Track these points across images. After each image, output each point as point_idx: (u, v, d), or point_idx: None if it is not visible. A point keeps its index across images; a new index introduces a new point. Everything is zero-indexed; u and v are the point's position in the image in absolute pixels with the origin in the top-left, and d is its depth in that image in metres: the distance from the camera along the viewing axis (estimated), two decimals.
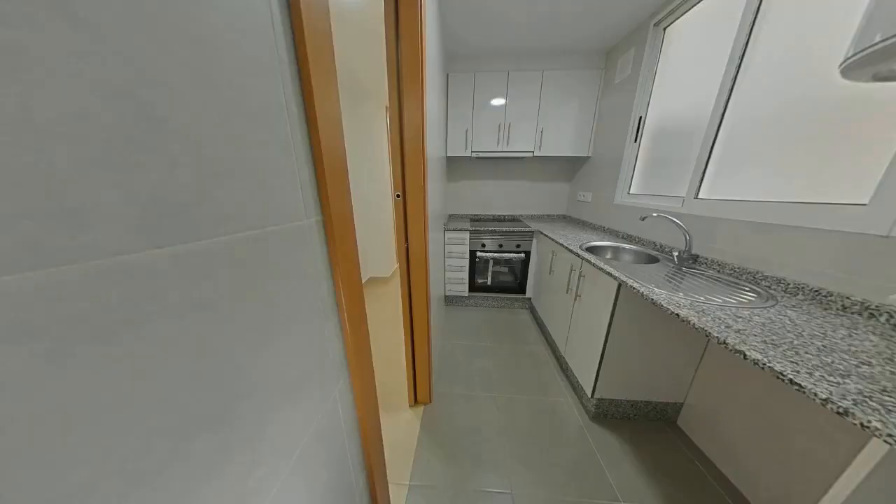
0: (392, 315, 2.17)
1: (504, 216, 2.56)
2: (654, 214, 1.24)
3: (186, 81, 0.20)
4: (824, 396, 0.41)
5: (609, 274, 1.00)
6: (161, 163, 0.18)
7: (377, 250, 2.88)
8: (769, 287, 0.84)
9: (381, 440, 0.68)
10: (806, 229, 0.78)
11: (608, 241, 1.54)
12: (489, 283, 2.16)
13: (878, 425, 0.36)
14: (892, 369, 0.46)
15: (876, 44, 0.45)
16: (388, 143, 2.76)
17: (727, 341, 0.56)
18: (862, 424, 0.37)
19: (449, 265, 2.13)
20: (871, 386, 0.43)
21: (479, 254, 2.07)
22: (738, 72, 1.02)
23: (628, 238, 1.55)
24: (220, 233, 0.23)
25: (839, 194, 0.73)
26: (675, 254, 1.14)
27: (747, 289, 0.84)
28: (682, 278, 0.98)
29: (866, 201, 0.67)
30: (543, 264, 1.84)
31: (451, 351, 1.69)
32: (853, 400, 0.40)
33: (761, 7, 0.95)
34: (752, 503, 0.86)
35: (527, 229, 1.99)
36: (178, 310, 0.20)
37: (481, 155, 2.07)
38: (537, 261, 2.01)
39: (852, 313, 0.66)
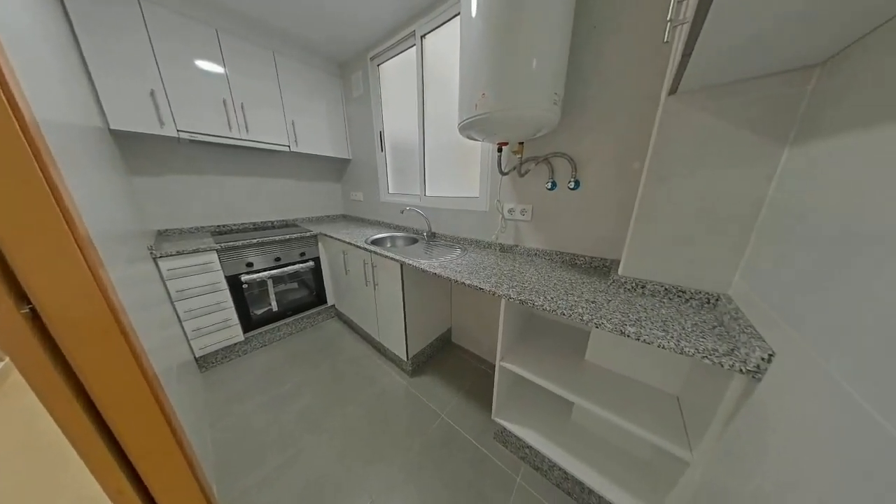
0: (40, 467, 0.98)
1: (273, 222, 2.07)
2: (408, 208, 1.70)
3: None
4: (487, 288, 0.87)
5: (392, 259, 1.24)
6: None
7: None
8: (463, 244, 1.52)
9: None
10: (464, 211, 1.49)
11: (385, 232, 1.85)
12: (276, 308, 1.70)
13: (501, 293, 0.84)
14: (496, 270, 1.08)
15: (462, 121, 0.95)
16: None
17: (457, 279, 0.95)
18: (501, 296, 0.84)
19: (188, 310, 1.35)
20: (494, 280, 0.97)
21: (245, 277, 1.52)
22: (424, 116, 1.62)
23: (397, 227, 1.96)
24: None
25: (470, 192, 1.49)
26: (425, 234, 1.66)
27: (457, 248, 1.46)
28: (432, 250, 1.46)
29: (478, 195, 1.43)
30: (337, 266, 1.80)
31: (239, 428, 1.16)
32: (494, 284, 0.89)
33: (424, 80, 1.56)
34: (486, 359, 1.61)
35: (308, 234, 1.79)
36: None
37: (200, 138, 1.43)
38: (330, 264, 1.91)
39: (487, 248, 1.42)
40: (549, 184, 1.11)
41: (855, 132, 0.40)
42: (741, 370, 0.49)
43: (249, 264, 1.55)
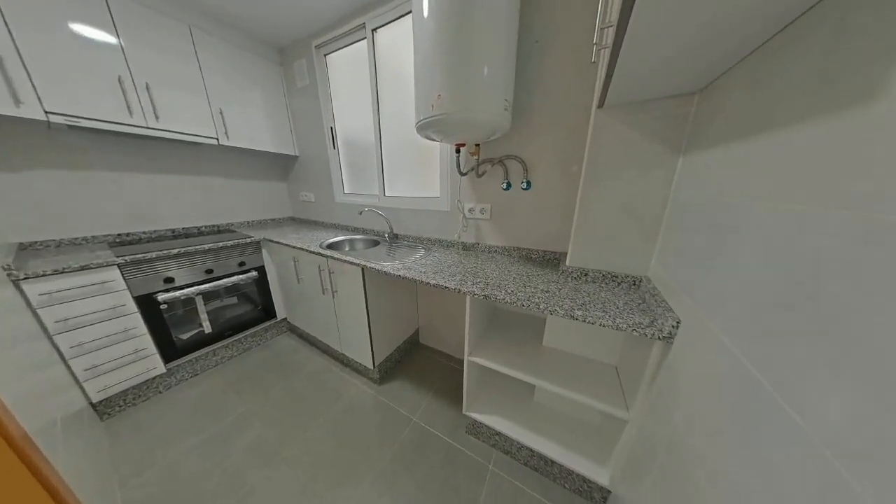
0: None
1: (200, 228, 1.76)
2: (367, 209, 1.62)
3: None
4: (452, 286, 0.88)
5: (352, 263, 1.17)
6: None
7: None
8: (427, 244, 1.52)
9: None
10: (426, 210, 1.49)
11: (342, 235, 1.73)
12: (209, 329, 1.45)
13: (465, 290, 0.86)
14: (460, 268, 1.11)
15: (419, 121, 0.94)
16: None
17: (422, 279, 0.95)
18: (466, 293, 0.86)
19: (77, 344, 1.06)
20: (458, 278, 0.99)
21: (163, 296, 1.25)
22: (379, 112, 1.56)
23: (356, 230, 1.86)
24: None
25: (431, 192, 1.49)
26: (387, 235, 1.61)
27: (421, 248, 1.45)
28: (394, 251, 1.42)
29: (439, 195, 1.44)
30: (287, 275, 1.62)
31: (165, 480, 0.96)
32: (459, 282, 0.90)
33: (378, 76, 1.50)
34: (454, 356, 1.63)
35: (248, 240, 1.57)
36: None
37: (84, 124, 1.14)
38: (278, 273, 1.71)
39: (450, 247, 1.44)
40: (505, 184, 1.18)
41: (717, 147, 0.52)
42: (659, 337, 0.59)
43: (169, 279, 1.28)
